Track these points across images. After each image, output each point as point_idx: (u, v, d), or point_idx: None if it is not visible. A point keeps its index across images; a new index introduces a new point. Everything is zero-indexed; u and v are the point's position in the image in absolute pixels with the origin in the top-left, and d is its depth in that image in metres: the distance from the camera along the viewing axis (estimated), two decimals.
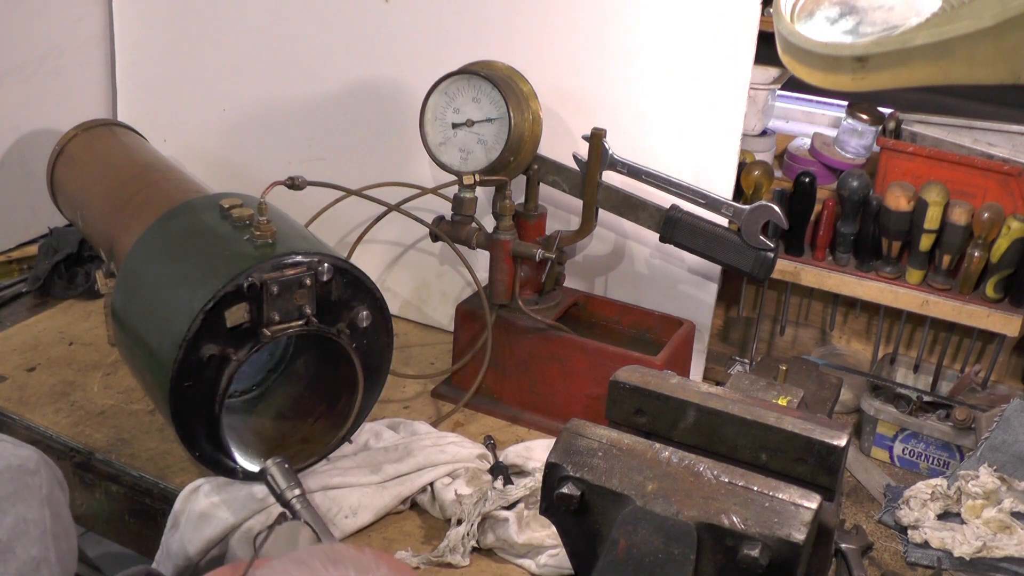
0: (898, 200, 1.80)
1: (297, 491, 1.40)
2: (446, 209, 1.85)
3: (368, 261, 1.94)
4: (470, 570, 1.48)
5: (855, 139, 2.01)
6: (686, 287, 1.95)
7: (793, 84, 2.11)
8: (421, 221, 1.88)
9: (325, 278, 1.49)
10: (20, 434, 1.76)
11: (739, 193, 1.88)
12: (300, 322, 1.48)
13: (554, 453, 1.14)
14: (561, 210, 1.96)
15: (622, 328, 1.92)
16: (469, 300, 1.92)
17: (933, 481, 1.60)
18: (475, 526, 1.49)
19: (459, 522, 1.51)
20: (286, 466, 1.42)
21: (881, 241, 1.86)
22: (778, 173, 2.06)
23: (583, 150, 1.77)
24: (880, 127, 1.98)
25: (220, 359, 1.44)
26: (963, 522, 1.54)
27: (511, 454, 1.67)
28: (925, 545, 1.54)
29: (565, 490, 1.11)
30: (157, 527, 1.58)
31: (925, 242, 1.81)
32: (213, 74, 2.29)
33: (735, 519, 1.03)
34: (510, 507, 1.52)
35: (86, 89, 2.42)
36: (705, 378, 2.01)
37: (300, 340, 1.69)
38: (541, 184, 1.84)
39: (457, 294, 2.09)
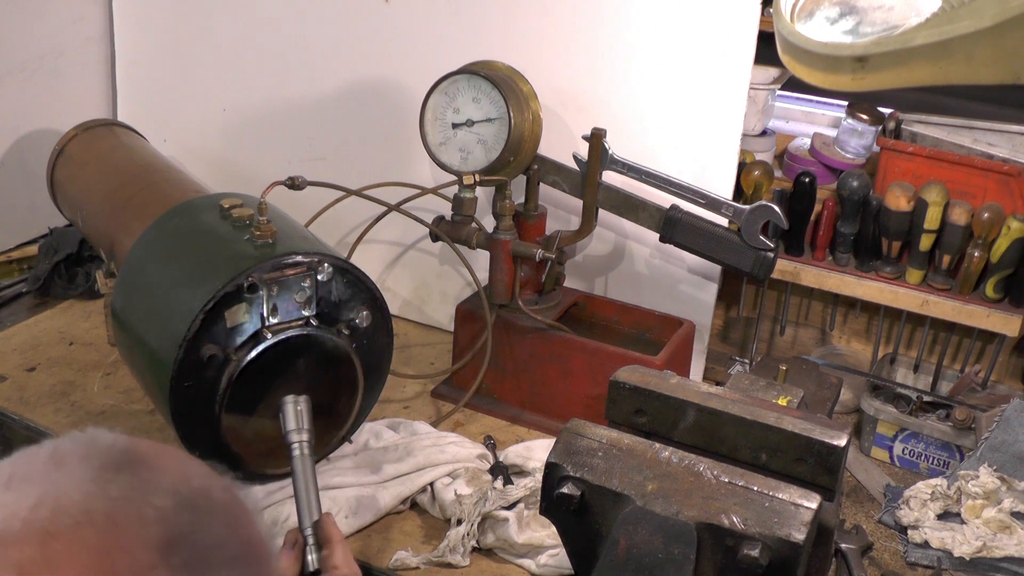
0: (898, 200, 1.80)
1: (301, 437, 1.31)
2: (446, 209, 1.85)
3: (368, 261, 1.93)
4: (470, 570, 1.48)
5: (855, 139, 2.01)
6: (686, 287, 1.95)
7: (793, 84, 2.11)
8: (421, 221, 1.88)
9: (325, 278, 1.49)
10: (20, 434, 1.76)
11: (739, 193, 1.88)
12: (300, 322, 1.48)
13: (554, 453, 1.14)
14: (561, 210, 1.96)
15: (622, 328, 1.92)
16: (469, 300, 1.92)
17: (933, 481, 1.60)
18: (475, 526, 1.49)
19: (459, 522, 1.51)
20: (299, 408, 1.33)
21: (881, 241, 1.86)
22: (778, 173, 2.06)
23: (583, 150, 1.77)
24: (880, 127, 1.98)
25: (220, 359, 1.44)
26: (963, 522, 1.54)
27: (511, 454, 1.67)
28: (925, 545, 1.54)
29: (565, 490, 1.11)
30: None
31: (925, 242, 1.81)
32: (213, 74, 2.29)
33: (735, 519, 1.03)
34: (510, 507, 1.52)
35: (86, 89, 2.42)
36: (705, 378, 2.01)
37: (300, 340, 1.69)
38: (541, 184, 1.84)
39: (457, 294, 2.09)
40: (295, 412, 1.33)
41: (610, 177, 1.78)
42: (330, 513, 1.31)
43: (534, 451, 1.67)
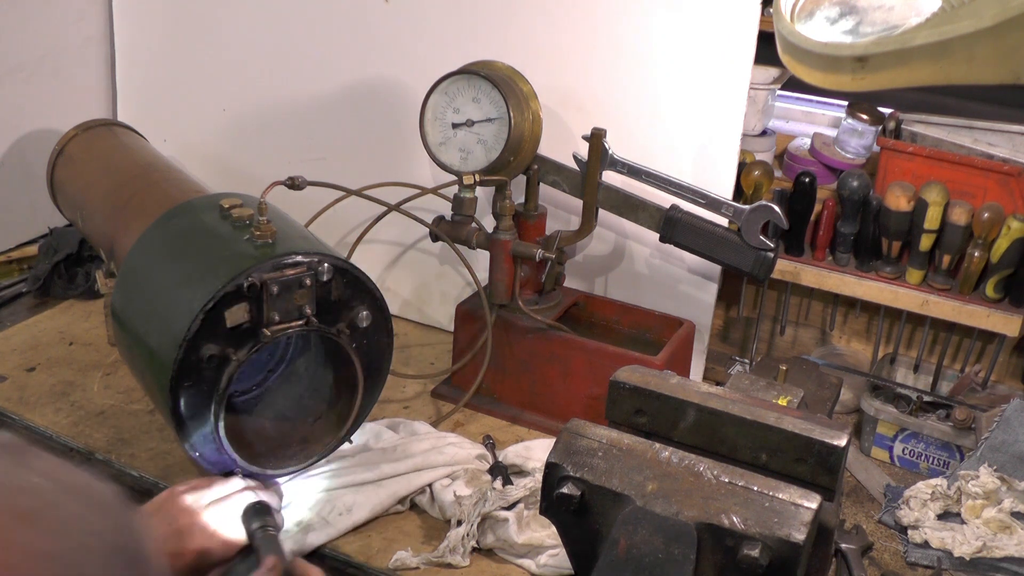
0: (898, 200, 1.80)
1: (254, 524, 1.35)
2: (446, 209, 1.85)
3: (368, 261, 1.93)
4: (470, 570, 1.48)
5: (855, 139, 2.01)
6: (686, 287, 1.95)
7: (793, 84, 2.11)
8: (421, 221, 1.88)
9: (325, 278, 1.49)
10: (20, 434, 1.76)
11: (739, 193, 1.88)
12: (300, 322, 1.48)
13: (554, 453, 1.14)
14: (561, 210, 1.96)
15: (622, 328, 1.92)
16: (469, 300, 1.92)
17: (933, 481, 1.60)
18: (475, 526, 1.49)
19: (459, 523, 1.51)
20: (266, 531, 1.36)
21: (881, 241, 1.86)
22: (778, 173, 2.06)
23: (583, 150, 1.77)
24: (880, 127, 1.98)
25: (220, 359, 1.43)
26: (963, 522, 1.54)
27: (511, 454, 1.67)
28: (925, 545, 1.54)
29: (565, 490, 1.11)
30: None
31: (925, 242, 1.81)
32: (213, 74, 2.29)
33: (735, 519, 1.03)
34: (510, 507, 1.52)
35: (86, 89, 2.42)
36: (705, 378, 2.01)
37: (300, 340, 1.69)
38: (541, 184, 1.84)
39: (457, 294, 2.09)
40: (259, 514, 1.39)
41: (610, 177, 1.78)
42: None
43: (534, 451, 1.67)
